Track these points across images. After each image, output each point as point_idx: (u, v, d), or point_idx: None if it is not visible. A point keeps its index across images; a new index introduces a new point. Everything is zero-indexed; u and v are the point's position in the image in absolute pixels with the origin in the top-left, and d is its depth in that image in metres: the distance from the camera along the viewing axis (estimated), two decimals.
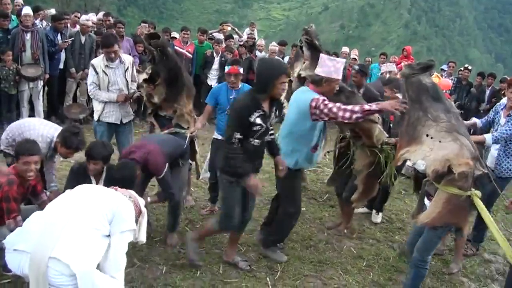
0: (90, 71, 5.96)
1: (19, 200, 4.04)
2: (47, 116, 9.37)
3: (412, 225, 5.03)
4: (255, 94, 4.12)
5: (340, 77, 4.58)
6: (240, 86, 5.62)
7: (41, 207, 4.03)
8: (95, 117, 6.08)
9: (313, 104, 4.34)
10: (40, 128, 4.70)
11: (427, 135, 3.90)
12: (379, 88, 7.10)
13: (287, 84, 4.22)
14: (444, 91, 7.92)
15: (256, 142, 4.17)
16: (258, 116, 4.07)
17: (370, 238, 5.88)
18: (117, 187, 3.73)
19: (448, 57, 63.86)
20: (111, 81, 5.92)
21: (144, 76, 5.76)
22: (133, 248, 4.75)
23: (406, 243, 5.68)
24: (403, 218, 6.68)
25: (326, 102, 4.36)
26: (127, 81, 6.03)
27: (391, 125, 6.12)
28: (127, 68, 6.02)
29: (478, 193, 3.97)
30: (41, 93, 8.97)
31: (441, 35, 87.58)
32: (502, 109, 5.48)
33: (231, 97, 5.52)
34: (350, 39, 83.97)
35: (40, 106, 9.00)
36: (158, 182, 4.78)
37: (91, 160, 4.48)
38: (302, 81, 6.14)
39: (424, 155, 3.88)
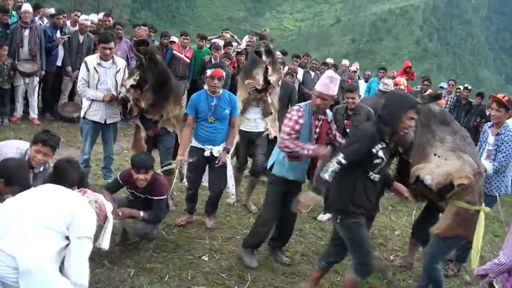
0: (82, 67, 6.06)
1: None
2: (42, 113, 9.44)
3: None
4: (381, 126, 3.91)
5: (324, 91, 4.48)
6: (221, 92, 5.45)
7: None
8: (82, 113, 6.17)
9: (288, 112, 4.38)
10: (18, 144, 4.44)
11: (435, 154, 4.38)
12: (375, 103, 7.06)
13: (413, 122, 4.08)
14: None
15: (376, 177, 3.97)
16: (381, 148, 3.90)
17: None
18: (86, 189, 3.72)
19: (458, 75, 63.86)
20: (100, 79, 6.00)
21: (131, 81, 5.78)
22: (105, 250, 4.74)
23: (384, 260, 5.67)
24: (386, 234, 6.61)
25: (293, 119, 4.46)
26: (116, 82, 6.09)
27: (347, 129, 6.04)
28: (119, 70, 6.09)
29: (487, 209, 4.33)
30: (36, 89, 9.05)
31: (452, 53, 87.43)
32: (489, 127, 5.49)
33: (212, 104, 5.37)
34: (361, 53, 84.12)
35: (34, 101, 9.09)
36: (154, 203, 4.82)
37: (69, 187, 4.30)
38: (259, 91, 6.09)
39: (430, 171, 4.31)
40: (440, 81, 13.20)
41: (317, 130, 4.69)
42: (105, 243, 3.65)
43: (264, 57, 6.08)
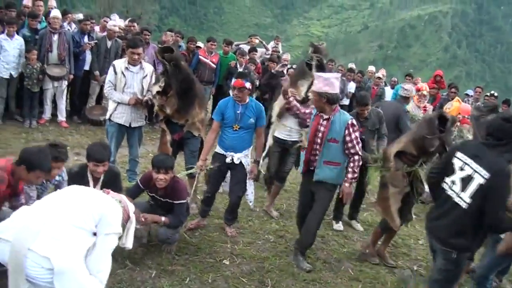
0: (110, 70, 6.19)
1: (2, 201, 3.91)
2: (70, 116, 9.63)
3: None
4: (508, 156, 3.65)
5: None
6: (248, 100, 5.43)
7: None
8: (107, 115, 6.30)
9: None
10: None
11: None
12: (395, 109, 7.03)
13: None
14: (464, 116, 7.81)
15: None
16: None
17: (377, 262, 5.72)
18: (109, 190, 3.81)
19: (487, 83, 62.72)
20: (127, 83, 6.11)
21: (157, 88, 5.88)
22: (128, 251, 4.77)
23: (407, 269, 5.59)
24: (410, 243, 6.53)
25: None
26: (142, 87, 6.19)
27: (362, 136, 5.97)
28: (146, 76, 6.19)
29: None
30: (64, 92, 9.24)
31: (481, 60, 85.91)
32: None
33: (238, 111, 5.36)
34: (389, 59, 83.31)
35: (63, 105, 9.27)
36: (175, 207, 4.87)
37: (99, 163, 4.49)
38: (300, 102, 6.06)
39: None
40: (469, 88, 12.93)
41: (321, 128, 4.98)
42: (129, 243, 3.74)
43: (314, 71, 6.01)
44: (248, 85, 5.34)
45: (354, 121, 4.98)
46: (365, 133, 6.08)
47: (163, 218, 4.80)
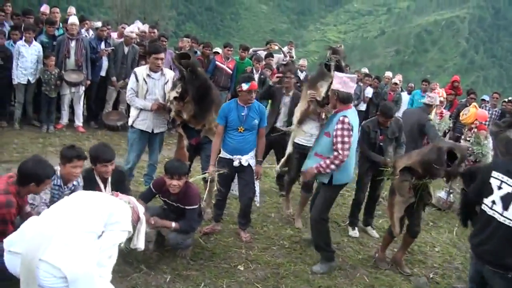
0: (131, 77, 6.22)
1: (13, 220, 3.88)
2: (86, 121, 9.73)
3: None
4: None
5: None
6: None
7: (24, 219, 3.90)
8: (129, 122, 6.35)
9: None
10: None
11: None
12: (419, 116, 7.02)
13: None
14: (480, 122, 7.73)
15: None
16: None
17: (387, 268, 5.69)
18: (118, 193, 3.86)
19: (505, 89, 62.01)
20: (149, 90, 6.15)
21: (174, 94, 5.91)
22: (143, 255, 4.81)
23: (422, 277, 5.52)
24: (426, 250, 6.44)
25: None
26: (164, 93, 6.21)
27: (381, 144, 6.16)
28: (167, 81, 6.23)
29: None
30: (82, 98, 9.35)
31: (498, 66, 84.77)
32: None
33: (242, 114, 5.41)
34: (405, 65, 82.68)
35: (80, 110, 9.40)
36: (186, 212, 4.88)
37: (107, 163, 4.58)
38: (320, 104, 6.04)
39: None
40: (487, 94, 12.73)
41: None
42: (140, 243, 3.77)
43: (332, 72, 5.95)
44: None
45: (346, 119, 4.86)
46: (384, 141, 6.15)
47: (173, 224, 4.82)
